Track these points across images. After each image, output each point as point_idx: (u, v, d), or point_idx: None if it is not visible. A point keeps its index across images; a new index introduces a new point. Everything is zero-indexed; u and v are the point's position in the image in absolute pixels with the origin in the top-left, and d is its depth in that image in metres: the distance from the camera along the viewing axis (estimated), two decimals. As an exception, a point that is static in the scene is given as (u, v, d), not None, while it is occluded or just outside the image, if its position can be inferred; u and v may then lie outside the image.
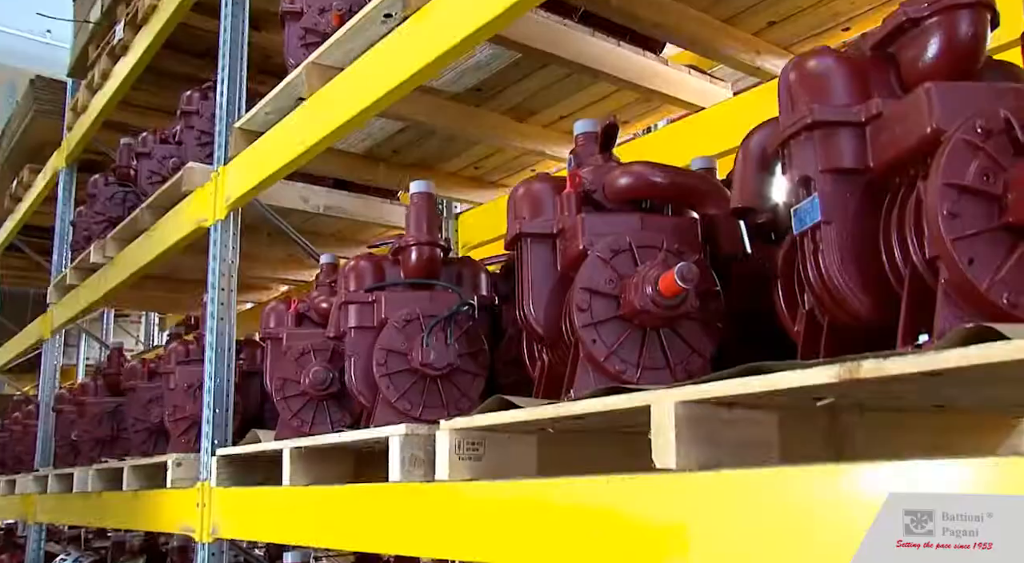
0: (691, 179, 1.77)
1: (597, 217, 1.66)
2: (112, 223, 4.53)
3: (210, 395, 3.06)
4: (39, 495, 4.81)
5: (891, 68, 1.33)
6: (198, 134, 3.65)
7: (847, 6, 2.44)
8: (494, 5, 1.89)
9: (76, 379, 9.29)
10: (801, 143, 1.30)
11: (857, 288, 1.25)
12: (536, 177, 1.85)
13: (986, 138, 1.11)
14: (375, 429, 2.06)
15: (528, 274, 1.77)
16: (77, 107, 5.22)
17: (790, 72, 1.36)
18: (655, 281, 1.52)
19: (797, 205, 1.33)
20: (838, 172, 1.27)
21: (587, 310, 1.57)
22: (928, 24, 1.25)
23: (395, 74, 2.25)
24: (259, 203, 3.43)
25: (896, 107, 1.23)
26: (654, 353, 1.58)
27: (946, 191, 1.09)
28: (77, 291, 4.80)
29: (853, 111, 1.27)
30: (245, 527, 2.73)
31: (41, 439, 5.18)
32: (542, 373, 1.86)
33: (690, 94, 2.79)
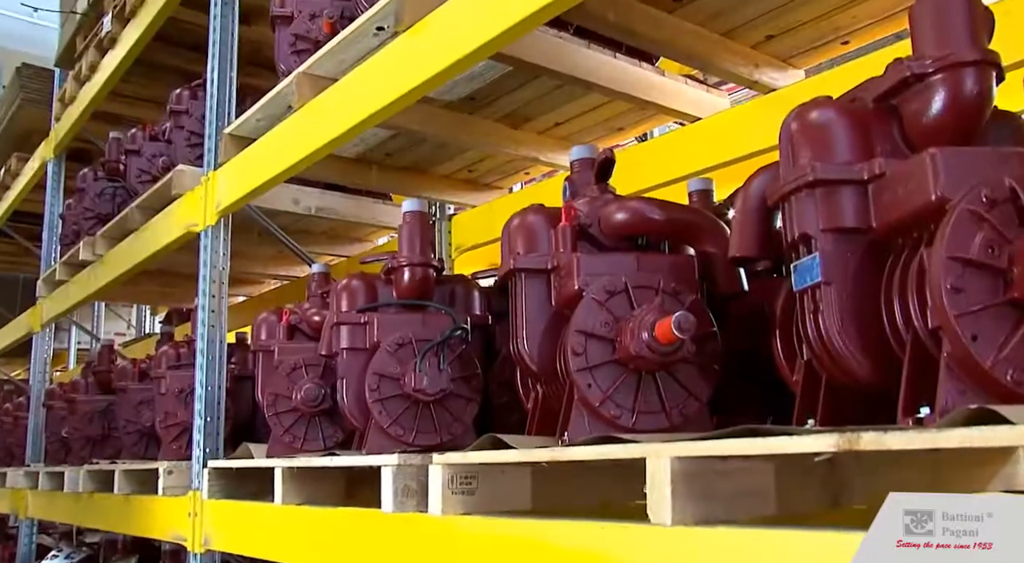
0: (688, 215, 1.74)
1: (593, 257, 1.63)
2: (101, 219, 4.48)
3: (201, 403, 3.04)
4: (30, 491, 4.80)
5: (894, 120, 1.30)
6: (188, 135, 3.60)
7: (847, 20, 2.40)
8: (493, 24, 1.85)
9: (68, 363, 9.28)
10: (802, 199, 1.27)
11: (857, 351, 1.23)
12: (531, 209, 1.82)
13: (991, 208, 1.09)
14: (368, 456, 2.05)
15: (522, 309, 1.75)
16: (65, 98, 5.15)
17: (792, 122, 1.33)
18: (651, 327, 1.49)
19: (797, 261, 1.30)
20: (839, 231, 1.24)
21: (582, 354, 1.55)
22: (932, 81, 1.22)
23: (390, 90, 2.21)
24: (249, 206, 3.39)
25: (900, 168, 1.20)
26: (649, 397, 1.56)
27: (950, 265, 1.07)
28: (67, 287, 4.76)
29: (856, 169, 1.24)
30: (237, 542, 2.72)
31: (32, 434, 5.16)
32: (536, 405, 1.85)
33: (686, 105, 2.75)
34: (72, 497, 4.04)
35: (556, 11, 1.79)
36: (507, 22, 1.83)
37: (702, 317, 1.61)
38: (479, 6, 1.93)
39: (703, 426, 1.60)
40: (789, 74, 2.63)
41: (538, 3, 1.74)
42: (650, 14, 2.29)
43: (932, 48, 1.23)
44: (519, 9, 1.78)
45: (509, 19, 1.82)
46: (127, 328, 9.79)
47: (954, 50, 1.21)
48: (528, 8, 1.78)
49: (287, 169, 2.70)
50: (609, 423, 1.55)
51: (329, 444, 2.62)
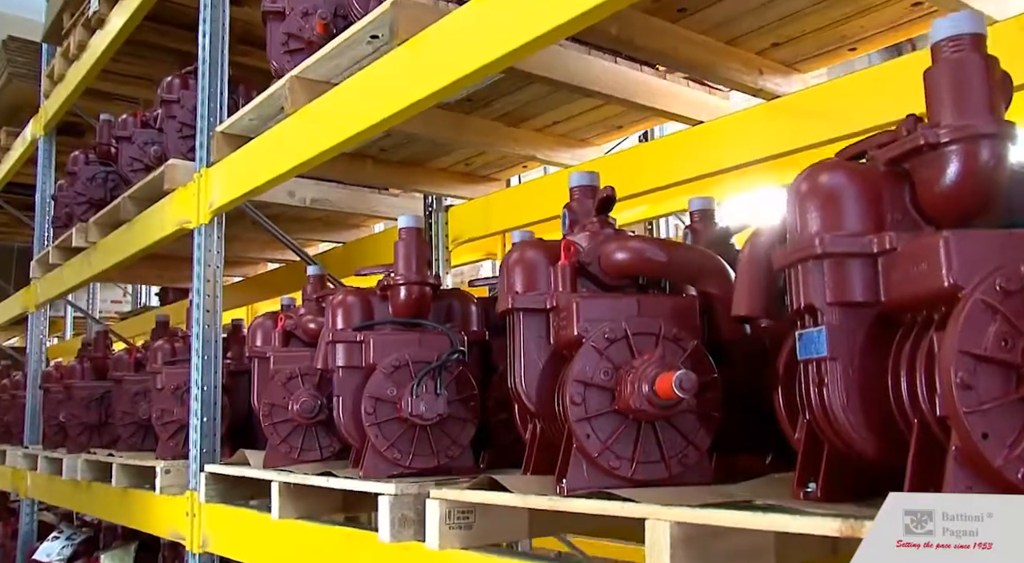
0: (691, 256, 1.70)
1: (592, 302, 1.60)
2: (93, 204, 4.43)
3: (198, 403, 3.02)
4: (30, 472, 4.81)
5: (906, 185, 1.26)
6: (179, 126, 3.53)
7: (855, 30, 2.34)
8: (497, 44, 1.80)
9: (64, 332, 9.27)
10: (809, 269, 1.24)
11: (862, 428, 1.21)
12: (530, 244, 1.78)
13: (1005, 298, 1.05)
14: (365, 483, 2.03)
15: (520, 348, 1.72)
16: (54, 75, 5.05)
17: (801, 183, 1.29)
18: (652, 381, 1.47)
19: (802, 331, 1.27)
20: (847, 305, 1.21)
21: (580, 404, 1.53)
22: (947, 151, 1.18)
23: (389, 103, 2.16)
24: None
25: (912, 246, 1.16)
26: (649, 446, 1.54)
27: (961, 359, 1.04)
28: (61, 270, 4.72)
29: (866, 242, 1.20)
30: (235, 548, 2.73)
31: (29, 416, 5.16)
32: (534, 438, 1.83)
33: (687, 108, 2.69)
34: (71, 484, 4.06)
35: (560, 36, 1.74)
36: (511, 44, 1.78)
37: (703, 364, 1.59)
38: (481, 26, 1.87)
39: (703, 474, 1.58)
40: (794, 79, 2.57)
41: (542, 27, 1.69)
42: (653, 25, 2.22)
43: (948, 115, 1.19)
44: (524, 31, 1.73)
45: (513, 41, 1.77)
46: (123, 296, 9.75)
47: (971, 121, 1.17)
48: (532, 32, 1.73)
49: (282, 174, 2.66)
50: (608, 473, 1.53)
51: (326, 454, 2.61)
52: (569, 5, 1.64)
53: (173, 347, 3.51)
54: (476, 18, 1.89)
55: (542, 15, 1.70)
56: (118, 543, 4.16)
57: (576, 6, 1.63)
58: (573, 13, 1.63)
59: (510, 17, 1.79)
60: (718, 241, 2.12)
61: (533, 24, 1.72)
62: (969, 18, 1.20)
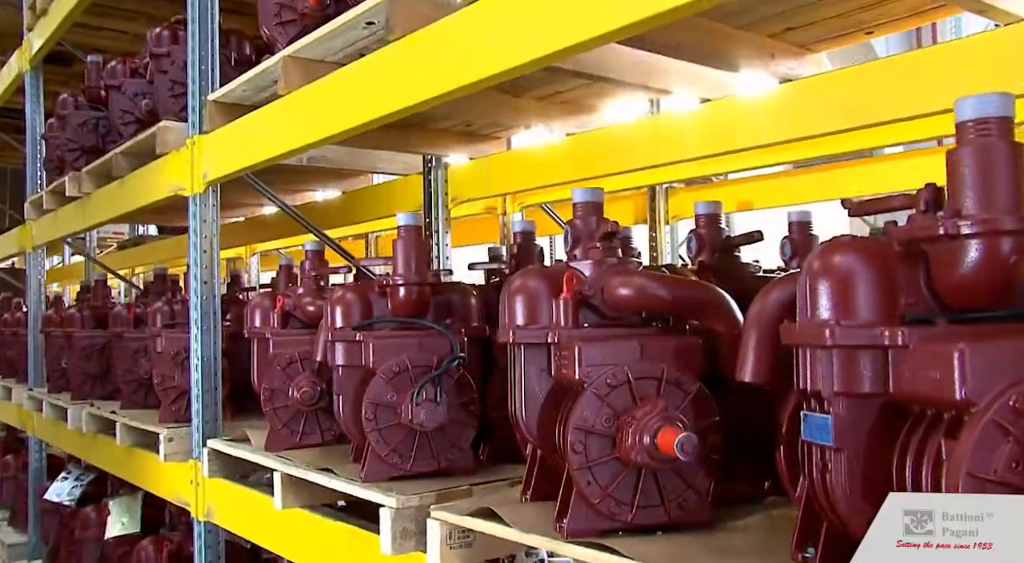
0: (693, 292, 1.67)
1: (594, 346, 1.57)
2: (85, 151, 4.33)
3: (198, 373, 3.03)
4: (36, 413, 4.88)
5: (921, 265, 1.22)
6: (170, 84, 3.41)
7: (871, 17, 2.23)
8: (509, 55, 1.71)
9: (63, 256, 9.25)
10: (817, 356, 1.21)
11: (863, 516, 1.19)
12: (532, 273, 1.74)
13: (1018, 418, 1.03)
14: (367, 490, 2.05)
15: (521, 380, 1.71)
16: (36, 8, 4.87)
17: (815, 261, 1.25)
18: (654, 434, 1.46)
19: (808, 413, 1.25)
20: (855, 396, 1.19)
21: (582, 453, 1.52)
22: (967, 242, 1.14)
23: (393, 99, 2.07)
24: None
25: (925, 348, 1.13)
26: (649, 491, 1.54)
27: (968, 480, 1.03)
28: (56, 216, 4.67)
29: (876, 334, 1.17)
30: (238, 525, 2.78)
31: (32, 356, 5.19)
32: (534, 460, 1.83)
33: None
34: (76, 434, 4.11)
35: (571, 54, 1.66)
36: (519, 58, 1.69)
37: (705, 407, 1.58)
38: (492, 32, 1.77)
39: (702, 515, 1.59)
40: (807, 60, 2.46)
41: (555, 46, 1.60)
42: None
43: (972, 204, 1.14)
44: (531, 47, 1.65)
45: (522, 55, 1.68)
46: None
47: (996, 214, 1.12)
48: (536, 51, 1.64)
49: (276, 156, 2.59)
50: (608, 517, 1.54)
51: (327, 438, 2.63)
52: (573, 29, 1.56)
53: (172, 309, 3.50)
54: (482, 24, 1.80)
55: (548, 34, 1.62)
56: (126, 490, 4.25)
57: (585, 30, 1.54)
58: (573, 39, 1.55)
59: (518, 29, 1.70)
60: (723, 249, 2.08)
61: (541, 41, 1.64)
62: (997, 100, 1.14)
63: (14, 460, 5.93)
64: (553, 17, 1.60)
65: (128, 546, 4.09)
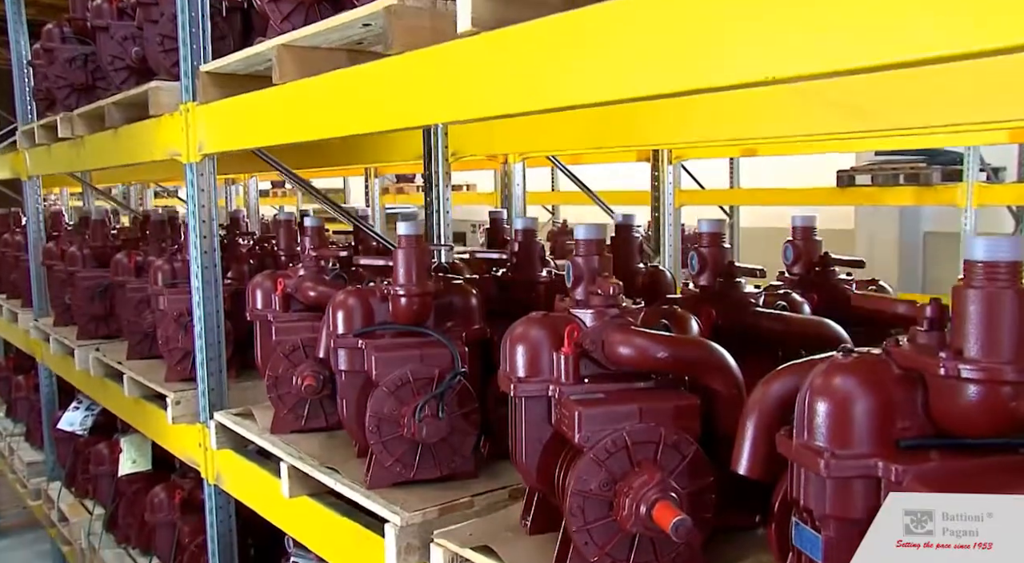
0: (694, 353, 1.67)
1: (594, 411, 1.59)
2: (75, 89, 4.22)
3: (201, 341, 3.06)
4: (44, 344, 4.94)
5: (920, 388, 1.22)
6: (160, 39, 3.29)
7: None
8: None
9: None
10: (811, 479, 1.23)
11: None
12: (534, 321, 1.74)
13: None
14: (371, 501, 2.12)
15: (522, 430, 1.74)
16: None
17: (817, 379, 1.25)
18: (651, 506, 1.50)
19: (800, 524, 1.29)
20: (846, 521, 1.22)
21: (579, 515, 1.57)
22: (969, 386, 1.14)
23: (387, 119, 2.01)
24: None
25: (918, 485, 1.15)
26: (644, 552, 1.60)
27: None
28: (50, 151, 4.59)
29: (871, 465, 1.19)
30: (248, 497, 2.88)
31: (35, 285, 5.22)
32: (532, 494, 1.88)
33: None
34: (85, 373, 4.18)
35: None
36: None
37: (701, 468, 1.61)
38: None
39: (695, 568, 1.65)
40: None
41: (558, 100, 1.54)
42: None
43: (975, 348, 1.14)
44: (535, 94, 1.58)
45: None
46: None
47: (998, 363, 1.12)
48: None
49: (271, 145, 2.54)
50: (604, 574, 1.60)
51: (332, 422, 2.68)
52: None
53: (173, 268, 3.50)
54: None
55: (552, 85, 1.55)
56: (133, 430, 4.36)
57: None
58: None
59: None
60: (726, 274, 2.07)
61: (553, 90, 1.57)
62: (1008, 244, 1.12)
63: (25, 381, 6.05)
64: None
65: (141, 481, 4.25)
